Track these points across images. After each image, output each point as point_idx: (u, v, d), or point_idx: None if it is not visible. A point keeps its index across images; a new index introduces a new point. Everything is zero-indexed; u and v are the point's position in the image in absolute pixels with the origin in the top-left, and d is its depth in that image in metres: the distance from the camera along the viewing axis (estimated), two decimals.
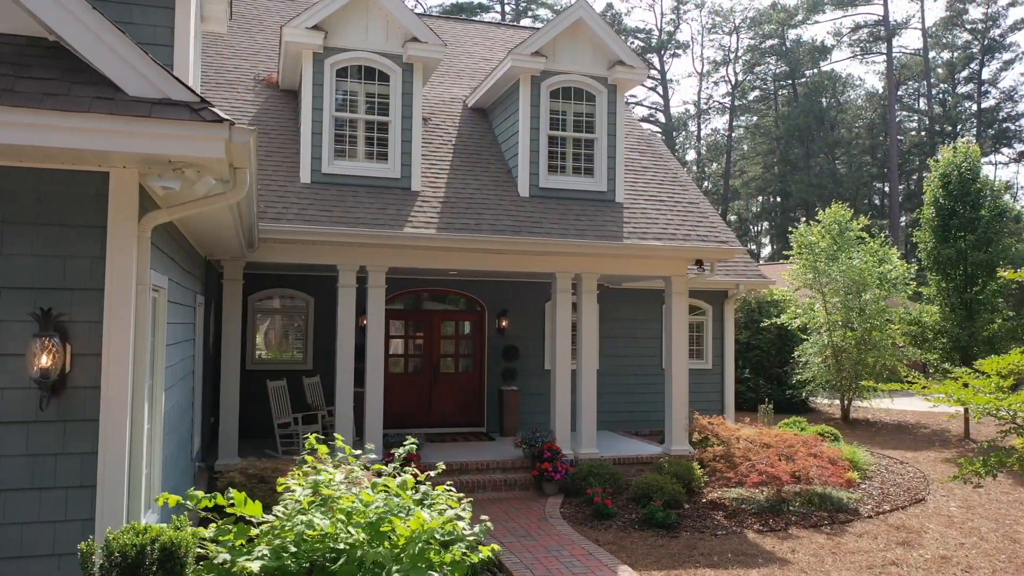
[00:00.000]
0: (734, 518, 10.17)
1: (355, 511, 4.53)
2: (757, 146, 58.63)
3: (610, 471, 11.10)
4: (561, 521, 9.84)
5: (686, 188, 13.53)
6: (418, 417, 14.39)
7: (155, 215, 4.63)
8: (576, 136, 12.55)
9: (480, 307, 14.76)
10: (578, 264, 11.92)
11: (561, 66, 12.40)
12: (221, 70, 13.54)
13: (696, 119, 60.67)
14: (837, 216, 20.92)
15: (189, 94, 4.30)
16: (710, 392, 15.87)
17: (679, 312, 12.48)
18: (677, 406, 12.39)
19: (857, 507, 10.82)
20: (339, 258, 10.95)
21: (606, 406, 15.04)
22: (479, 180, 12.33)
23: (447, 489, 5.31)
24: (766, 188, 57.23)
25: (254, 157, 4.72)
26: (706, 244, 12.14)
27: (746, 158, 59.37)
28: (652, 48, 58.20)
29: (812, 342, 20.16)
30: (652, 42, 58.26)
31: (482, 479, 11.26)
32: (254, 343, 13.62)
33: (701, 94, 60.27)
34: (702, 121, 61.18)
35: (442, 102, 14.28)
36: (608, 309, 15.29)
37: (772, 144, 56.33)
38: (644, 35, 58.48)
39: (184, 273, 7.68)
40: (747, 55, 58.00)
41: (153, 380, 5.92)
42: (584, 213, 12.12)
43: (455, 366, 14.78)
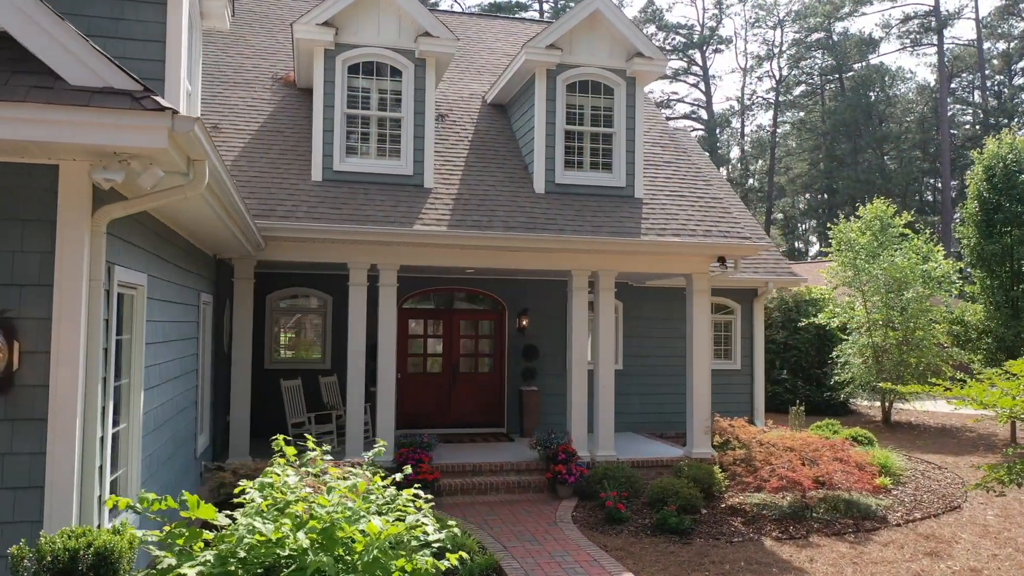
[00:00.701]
0: (752, 524, 9.78)
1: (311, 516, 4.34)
2: (803, 142, 57.34)
3: (626, 474, 10.78)
4: (571, 525, 9.57)
5: (709, 183, 13.12)
6: (437, 417, 14.23)
7: (109, 209, 4.50)
8: (594, 130, 12.25)
9: (500, 306, 14.54)
10: (594, 261, 11.63)
11: (578, 59, 12.12)
12: (240, 69, 13.56)
13: (739, 116, 59.58)
14: (879, 212, 20.20)
15: (132, 83, 4.16)
16: (739, 393, 15.41)
17: (700, 311, 12.10)
18: (698, 408, 12.01)
19: (886, 514, 10.33)
20: (349, 256, 10.84)
21: (631, 407, 14.72)
22: (494, 177, 12.12)
23: (415, 493, 5.08)
24: (812, 185, 55.94)
25: (210, 148, 4.57)
26: (728, 240, 11.74)
27: (792, 154, 58.11)
28: (694, 44, 57.34)
29: (852, 342, 19.51)
30: (694, 38, 57.39)
31: (495, 481, 11.03)
32: (273, 342, 13.60)
33: (744, 90, 59.19)
34: (746, 118, 60.09)
35: (461, 98, 14.10)
36: (632, 308, 14.95)
37: (818, 140, 55.04)
38: (686, 31, 57.64)
39: (179, 271, 7.61)
40: (792, 49, 56.76)
41: (131, 379, 5.83)
42: (601, 209, 11.82)
43: (475, 366, 14.59)
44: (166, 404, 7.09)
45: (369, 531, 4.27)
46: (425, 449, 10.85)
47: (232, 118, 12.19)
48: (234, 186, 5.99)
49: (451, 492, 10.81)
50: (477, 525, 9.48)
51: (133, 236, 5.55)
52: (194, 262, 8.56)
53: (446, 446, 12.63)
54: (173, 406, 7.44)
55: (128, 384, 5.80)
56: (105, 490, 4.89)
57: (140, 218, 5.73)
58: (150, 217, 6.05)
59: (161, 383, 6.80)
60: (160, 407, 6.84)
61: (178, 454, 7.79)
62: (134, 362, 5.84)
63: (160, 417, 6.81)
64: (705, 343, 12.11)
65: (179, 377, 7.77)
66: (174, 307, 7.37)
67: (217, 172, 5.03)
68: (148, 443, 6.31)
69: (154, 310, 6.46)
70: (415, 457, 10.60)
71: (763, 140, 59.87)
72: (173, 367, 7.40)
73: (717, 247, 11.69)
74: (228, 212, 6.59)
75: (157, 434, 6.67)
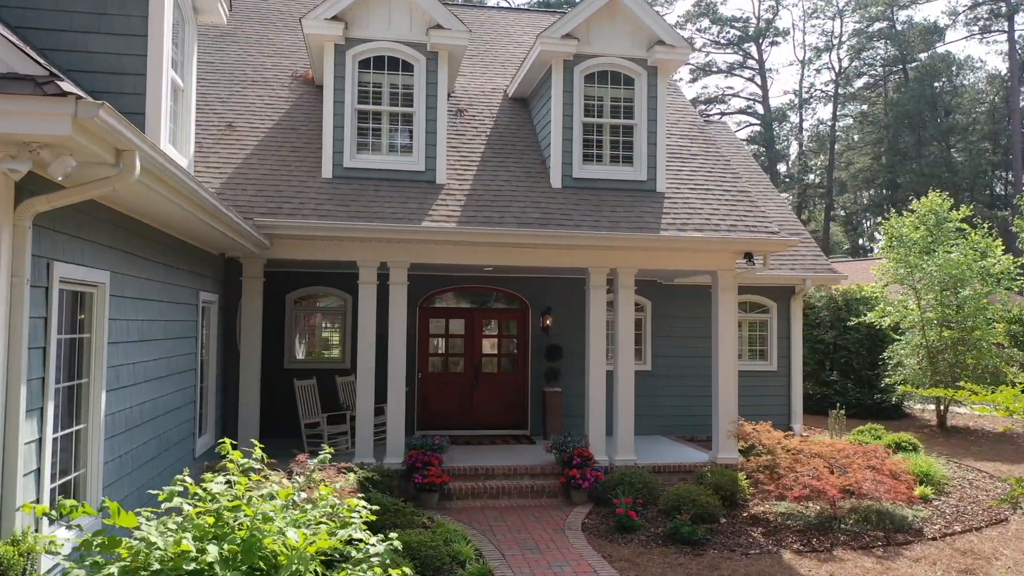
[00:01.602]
0: (773, 535, 9.22)
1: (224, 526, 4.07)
2: (865, 136, 55.38)
3: (644, 480, 10.32)
4: (579, 534, 9.16)
5: (738, 176, 12.53)
6: (458, 418, 13.96)
7: (33, 203, 4.32)
8: (613, 122, 11.81)
9: (523, 304, 14.19)
10: (612, 258, 11.19)
11: (596, 48, 11.69)
12: (260, 68, 13.51)
13: (797, 110, 57.91)
14: (934, 205, 19.17)
15: (37, 68, 3.96)
16: (775, 396, 14.73)
17: (726, 309, 11.55)
18: (723, 411, 11.47)
19: (922, 527, 9.65)
20: (358, 254, 10.63)
21: (660, 410, 14.22)
22: (509, 172, 11.78)
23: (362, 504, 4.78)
24: (874, 180, 54.00)
25: (137, 138, 4.35)
26: (753, 236, 11.17)
27: (853, 148, 56.18)
28: (749, 37, 55.93)
29: (905, 342, 18.56)
30: (749, 31, 55.97)
31: (508, 485, 10.69)
32: (293, 342, 13.51)
33: (802, 83, 57.46)
34: (804, 111, 58.35)
35: (482, 93, 13.80)
36: (661, 306, 14.43)
37: (880, 133, 53.08)
38: (741, 23, 56.24)
39: (164, 268, 7.48)
40: (853, 40, 54.87)
41: (90, 379, 5.68)
42: (620, 204, 11.37)
43: (497, 366, 14.27)
44: (146, 404, 6.95)
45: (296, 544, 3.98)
46: (436, 451, 10.58)
47: (247, 116, 12.13)
48: (195, 180, 5.79)
49: (462, 496, 10.51)
50: (481, 531, 9.16)
51: (85, 231, 5.38)
52: (189, 260, 8.44)
53: (464, 448, 12.35)
54: (157, 406, 7.31)
55: (87, 384, 5.65)
56: (43, 495, 4.72)
57: (97, 212, 5.58)
58: (112, 212, 5.90)
59: (137, 383, 6.66)
60: (137, 407, 6.71)
61: (166, 456, 7.66)
62: (94, 362, 5.69)
63: (136, 418, 6.67)
64: (731, 343, 11.56)
65: (166, 377, 7.64)
66: (156, 305, 7.24)
67: (156, 163, 4.81)
68: (118, 444, 6.17)
69: (125, 308, 6.32)
70: (425, 460, 10.34)
71: (823, 134, 58.06)
72: (156, 366, 7.27)
73: (742, 242, 11.13)
74: (199, 208, 6.40)
75: (131, 435, 6.53)
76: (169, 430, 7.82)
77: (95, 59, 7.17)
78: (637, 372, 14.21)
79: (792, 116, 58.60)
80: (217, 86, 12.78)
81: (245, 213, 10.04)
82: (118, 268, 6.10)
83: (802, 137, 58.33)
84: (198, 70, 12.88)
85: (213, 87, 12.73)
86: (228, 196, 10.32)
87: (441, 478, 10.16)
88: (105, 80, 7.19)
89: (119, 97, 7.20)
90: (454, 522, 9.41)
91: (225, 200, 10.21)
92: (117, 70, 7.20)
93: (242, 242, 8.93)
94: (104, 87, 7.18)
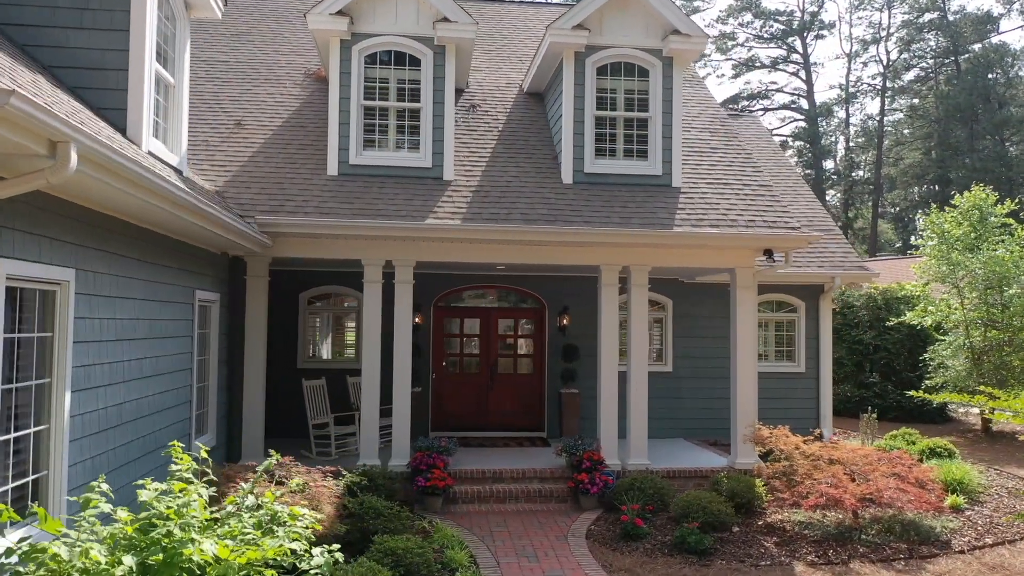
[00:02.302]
0: (787, 546, 8.77)
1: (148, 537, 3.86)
2: (915, 130, 53.69)
3: (656, 485, 9.95)
4: (581, 541, 8.83)
5: (759, 170, 12.05)
6: (474, 420, 13.71)
7: None
8: (627, 115, 11.44)
9: (540, 304, 13.87)
10: (624, 256, 10.83)
11: (608, 39, 11.33)
12: (274, 66, 13.44)
13: (844, 104, 56.40)
14: (977, 200, 18.33)
15: None
16: (803, 399, 14.16)
17: (745, 308, 11.10)
18: (742, 414, 11.03)
19: (950, 538, 9.10)
20: (363, 252, 10.45)
21: (683, 412, 13.79)
22: (520, 167, 11.48)
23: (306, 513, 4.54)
24: (924, 175, 52.31)
25: (68, 129, 4.17)
26: (772, 231, 10.70)
27: (902, 143, 54.51)
28: (794, 31, 54.65)
29: (947, 343, 17.79)
30: (793, 24, 54.69)
31: (515, 489, 10.40)
32: (306, 341, 13.40)
33: (849, 77, 55.94)
34: (851, 106, 56.82)
35: (497, 88, 13.53)
36: (683, 305, 13.98)
37: (931, 127, 51.40)
38: (785, 17, 55.01)
39: (147, 266, 7.37)
40: (902, 31, 53.26)
41: (54, 379, 5.56)
42: (633, 200, 11.00)
43: (514, 366, 13.98)
44: (126, 405, 6.83)
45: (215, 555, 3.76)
46: (442, 454, 10.35)
47: (257, 114, 12.05)
48: (154, 174, 5.62)
49: (468, 500, 10.26)
50: (480, 536, 8.88)
51: (44, 227, 5.25)
52: (181, 258, 8.32)
53: (477, 450, 12.10)
54: (141, 407, 7.19)
55: (50, 385, 5.52)
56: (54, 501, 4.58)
57: (59, 208, 5.45)
58: (79, 208, 5.77)
59: (114, 383, 6.53)
60: (115, 408, 6.58)
61: (154, 457, 7.54)
62: (57, 361, 5.55)
63: (113, 418, 6.54)
64: (750, 344, 11.10)
65: (153, 376, 7.52)
66: (140, 304, 7.12)
67: (101, 155, 4.64)
68: (88, 446, 6.04)
69: (98, 307, 6.19)
70: (429, 462, 10.11)
71: (870, 129, 56.48)
72: (140, 366, 7.14)
73: (760, 239, 10.67)
74: (171, 203, 6.25)
75: (107, 436, 6.41)
76: (158, 431, 7.71)
77: (77, 55, 7.09)
78: (658, 373, 13.83)
79: (838, 111, 57.13)
80: (229, 84, 12.73)
81: (247, 211, 9.93)
82: (87, 266, 5.97)
83: (849, 132, 56.85)
84: (210, 69, 12.88)
85: (225, 86, 12.69)
86: (231, 194, 10.23)
87: (444, 481, 9.92)
88: (88, 76, 7.11)
89: (101, 93, 7.13)
90: (455, 527, 9.17)
91: (227, 198, 10.12)
92: (99, 66, 7.11)
93: (238, 240, 8.80)
94: (87, 83, 7.10)
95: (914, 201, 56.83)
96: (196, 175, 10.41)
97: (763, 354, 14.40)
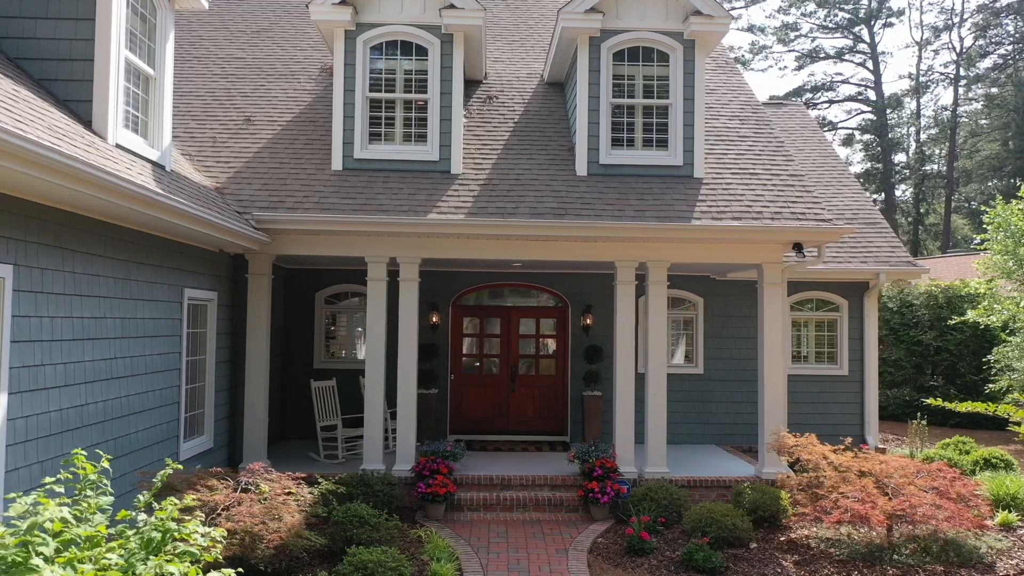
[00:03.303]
0: (808, 566, 8.04)
1: None
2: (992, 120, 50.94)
3: (671, 496, 9.31)
4: (582, 556, 8.26)
5: (790, 159, 11.24)
6: (494, 423, 13.23)
7: None
8: (646, 103, 10.81)
9: (563, 302, 13.31)
10: (640, 251, 10.21)
11: (625, 23, 10.72)
12: (290, 62, 13.23)
13: (914, 95, 53.93)
14: None
15: None
16: (845, 403, 13.24)
17: (772, 307, 10.35)
18: (769, 420, 10.28)
19: (994, 560, 8.23)
20: (365, 249, 10.10)
21: (715, 417, 13.06)
22: (532, 160, 10.96)
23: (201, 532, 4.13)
24: (1002, 167, 49.62)
25: None
26: (801, 224, 9.93)
27: (978, 134, 51.80)
28: (860, 19, 52.50)
29: (1014, 344, 16.51)
30: (860, 13, 52.55)
31: (524, 497, 9.89)
32: (323, 341, 13.13)
33: (919, 66, 53.45)
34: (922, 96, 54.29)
35: (516, 78, 13.03)
36: (715, 304, 13.23)
37: (1009, 117, 48.69)
38: (851, 5, 52.88)
39: (125, 264, 7.13)
40: (976, 17, 50.62)
41: None
42: (650, 192, 10.37)
43: (535, 367, 13.44)
44: (88, 407, 6.58)
45: None
46: (447, 459, 9.91)
47: (268, 109, 11.83)
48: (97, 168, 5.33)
49: (473, 507, 9.80)
50: (476, 548, 8.40)
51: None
52: (163, 255, 8.08)
53: (492, 455, 11.63)
54: (109, 408, 6.94)
55: None
56: None
57: None
58: (21, 202, 5.51)
59: (70, 384, 6.28)
60: (73, 410, 6.33)
61: (128, 460, 7.29)
62: None
63: (70, 421, 6.29)
64: (778, 345, 10.35)
65: (128, 377, 7.28)
66: (108, 302, 6.87)
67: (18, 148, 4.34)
68: (32, 451, 5.78)
69: (47, 305, 5.94)
70: (433, 468, 9.68)
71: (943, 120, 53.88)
72: (108, 366, 6.90)
73: (786, 231, 9.92)
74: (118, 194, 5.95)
75: (60, 440, 6.15)
76: (136, 433, 7.47)
77: (43, 45, 6.89)
78: (689, 376, 13.15)
79: (909, 102, 54.67)
80: (243, 81, 12.56)
81: (245, 207, 9.68)
82: (31, 262, 5.71)
83: (920, 124, 54.35)
84: (226, 66, 12.74)
85: (239, 82, 12.52)
86: (231, 190, 9.99)
87: (446, 488, 9.47)
88: (54, 67, 6.92)
89: (67, 84, 6.92)
90: (453, 536, 8.73)
91: (227, 194, 9.89)
92: (65, 56, 6.91)
93: (227, 237, 8.53)
94: (53, 74, 6.91)
95: (991, 194, 54.01)
96: (198, 171, 10.22)
97: (803, 355, 13.55)
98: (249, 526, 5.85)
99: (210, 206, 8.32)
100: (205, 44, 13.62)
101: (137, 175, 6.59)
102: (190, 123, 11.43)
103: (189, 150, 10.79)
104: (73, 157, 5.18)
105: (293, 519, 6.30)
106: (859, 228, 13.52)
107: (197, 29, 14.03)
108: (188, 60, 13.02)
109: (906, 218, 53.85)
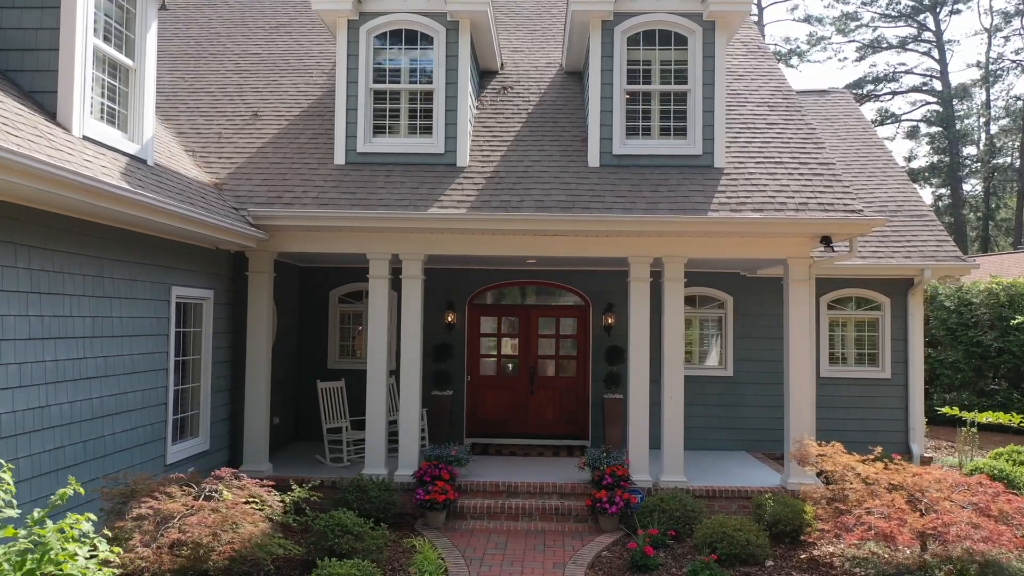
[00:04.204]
0: None
1: None
2: None
3: (684, 507, 8.72)
4: (580, 571, 7.72)
5: (820, 146, 10.49)
6: (513, 426, 12.74)
7: None
8: (663, 89, 10.21)
9: (584, 301, 12.75)
10: (654, 246, 9.63)
11: (639, 4, 10.14)
12: (304, 56, 12.99)
13: (984, 84, 51.44)
14: None
15: None
16: (888, 408, 12.35)
17: (799, 306, 9.65)
18: (795, 426, 9.58)
19: None
20: (367, 245, 9.75)
21: (746, 422, 12.35)
22: (543, 151, 10.46)
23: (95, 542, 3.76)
24: None
25: None
26: (827, 215, 9.21)
27: None
28: (924, 7, 50.34)
29: None
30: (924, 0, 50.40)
31: (530, 505, 9.39)
32: (337, 340, 12.83)
33: (989, 54, 50.95)
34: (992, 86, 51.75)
35: (535, 68, 12.54)
36: (745, 302, 12.51)
37: None
38: None
39: (98, 261, 6.90)
40: None
41: None
42: (665, 183, 9.77)
43: (555, 368, 12.91)
44: (52, 408, 6.34)
45: None
46: (451, 464, 9.48)
47: (277, 104, 11.59)
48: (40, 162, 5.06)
49: (477, 515, 9.34)
50: (468, 561, 7.94)
51: None
52: (148, 253, 7.84)
53: (505, 460, 11.17)
54: (79, 410, 6.70)
55: None
56: None
57: None
58: None
59: (25, 384, 6.04)
60: (30, 412, 6.09)
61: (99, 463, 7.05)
62: None
63: (28, 422, 6.05)
64: (805, 346, 9.64)
65: (101, 377, 7.04)
66: (76, 300, 6.64)
67: None
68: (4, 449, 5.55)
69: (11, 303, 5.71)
70: (434, 473, 9.27)
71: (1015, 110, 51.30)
72: (76, 366, 6.66)
73: (812, 223, 9.21)
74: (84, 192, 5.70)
75: (15, 442, 5.91)
76: (112, 434, 7.23)
77: (8, 35, 6.70)
78: (717, 378, 12.48)
79: (977, 92, 52.19)
80: (256, 76, 12.36)
81: (243, 203, 9.42)
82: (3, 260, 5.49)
83: (989, 115, 51.86)
84: (240, 62, 12.58)
85: (251, 77, 12.32)
86: (231, 186, 9.75)
87: (446, 495, 9.04)
88: (19, 58, 6.73)
89: (33, 75, 6.73)
90: (447, 547, 8.30)
91: (226, 190, 9.65)
92: (31, 46, 6.72)
93: (215, 234, 8.26)
94: (18, 65, 6.71)
95: None
96: (199, 167, 10.02)
97: (842, 356, 12.71)
98: (198, 537, 5.51)
99: (196, 202, 8.06)
100: (223, 40, 13.48)
101: (99, 169, 6.33)
102: (198, 119, 11.26)
103: (194, 146, 10.60)
104: (7, 149, 4.90)
105: (254, 528, 5.95)
106: (902, 221, 12.63)
107: (216, 26, 13.91)
108: (203, 57, 12.89)
109: (975, 213, 51.46)
